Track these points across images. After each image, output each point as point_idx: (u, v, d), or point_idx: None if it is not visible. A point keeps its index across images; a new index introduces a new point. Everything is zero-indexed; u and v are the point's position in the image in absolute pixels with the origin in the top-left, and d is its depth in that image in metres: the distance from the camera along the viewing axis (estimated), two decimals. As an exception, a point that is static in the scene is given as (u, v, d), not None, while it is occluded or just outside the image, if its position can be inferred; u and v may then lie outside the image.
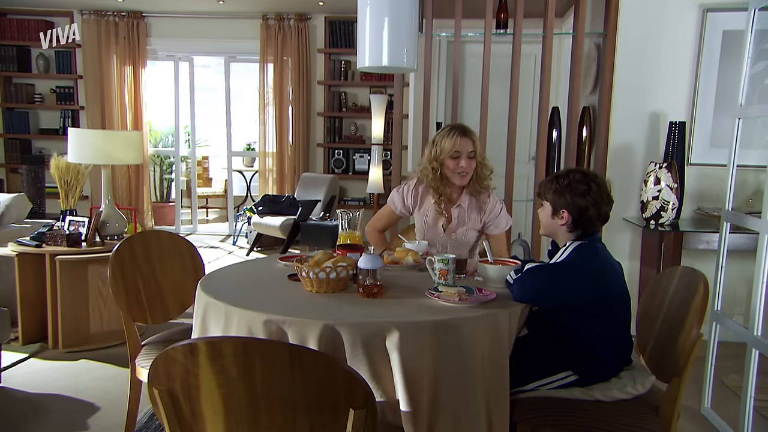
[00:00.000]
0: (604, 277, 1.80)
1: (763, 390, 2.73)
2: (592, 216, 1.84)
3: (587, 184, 1.85)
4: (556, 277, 1.81)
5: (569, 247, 1.87)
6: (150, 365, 1.16)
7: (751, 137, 3.34)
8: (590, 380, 1.80)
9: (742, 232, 3.17)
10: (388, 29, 2.04)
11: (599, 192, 1.85)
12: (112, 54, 6.82)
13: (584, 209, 1.84)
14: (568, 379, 1.79)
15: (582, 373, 1.79)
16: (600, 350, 1.80)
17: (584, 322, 1.79)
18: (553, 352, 1.82)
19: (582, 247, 1.84)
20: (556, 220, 1.90)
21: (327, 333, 1.54)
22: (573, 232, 1.89)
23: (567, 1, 4.07)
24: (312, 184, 6.37)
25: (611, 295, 1.80)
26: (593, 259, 1.82)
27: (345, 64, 6.82)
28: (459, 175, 2.46)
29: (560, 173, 1.93)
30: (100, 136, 3.71)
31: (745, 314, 3.54)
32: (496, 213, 2.56)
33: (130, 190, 7.06)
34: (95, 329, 3.45)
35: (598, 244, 1.87)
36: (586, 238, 1.87)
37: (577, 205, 1.84)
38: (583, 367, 1.80)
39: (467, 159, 2.43)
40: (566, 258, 1.85)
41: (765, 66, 3.47)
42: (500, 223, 2.58)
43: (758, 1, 2.54)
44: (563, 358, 1.81)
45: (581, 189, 1.84)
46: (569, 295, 1.77)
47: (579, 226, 1.87)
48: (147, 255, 2.34)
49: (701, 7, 3.57)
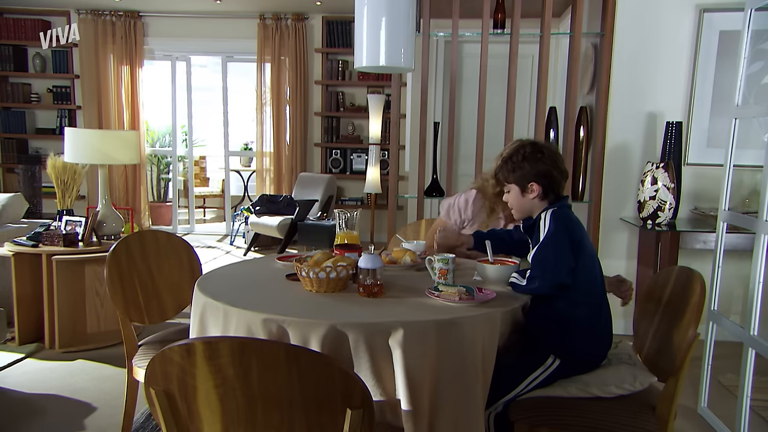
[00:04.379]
0: (582, 239, 1.84)
1: (760, 389, 2.74)
2: (556, 176, 1.90)
3: (540, 150, 1.92)
4: (554, 250, 1.81)
5: (544, 217, 1.88)
6: (147, 365, 1.16)
7: (748, 137, 3.36)
8: (573, 365, 1.80)
9: (739, 232, 3.17)
10: (386, 29, 2.03)
11: (551, 152, 1.92)
12: (109, 53, 6.81)
13: (548, 173, 1.90)
14: (552, 366, 1.78)
15: (564, 356, 1.79)
16: (580, 323, 1.80)
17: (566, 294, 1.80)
18: (535, 337, 1.82)
19: (556, 213, 1.86)
20: (527, 195, 1.93)
21: (331, 333, 1.54)
22: (545, 200, 1.93)
23: (564, 1, 4.08)
24: (309, 184, 6.37)
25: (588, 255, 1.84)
26: (569, 220, 1.85)
27: (342, 64, 6.82)
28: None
29: (507, 154, 1.98)
30: (97, 136, 3.70)
31: (742, 314, 3.55)
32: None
33: (127, 189, 7.05)
34: (92, 329, 3.44)
35: (569, 211, 1.90)
36: (557, 204, 1.90)
37: (541, 173, 1.90)
38: (564, 348, 1.79)
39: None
40: (549, 228, 1.85)
41: (761, 66, 3.48)
42: None
43: (754, 2, 2.55)
44: (543, 340, 1.81)
45: (537, 156, 1.91)
46: (572, 262, 1.80)
47: (549, 191, 1.91)
48: (144, 255, 2.33)
49: (698, 7, 3.58)
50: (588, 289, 1.84)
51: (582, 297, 1.82)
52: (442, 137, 4.32)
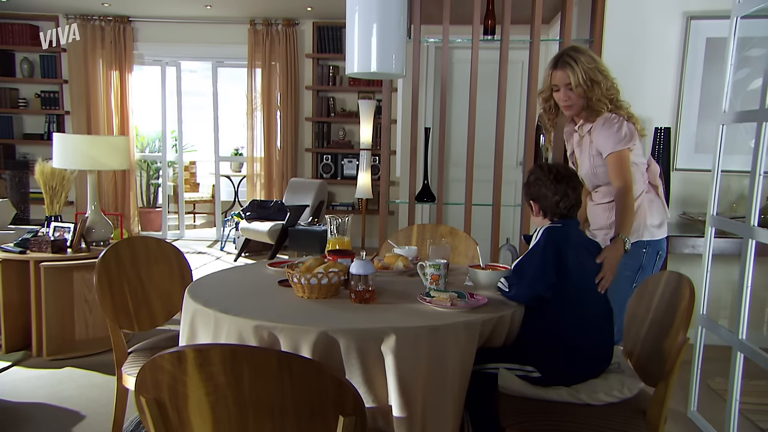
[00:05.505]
0: (577, 259, 1.86)
1: (748, 393, 2.76)
2: (551, 199, 1.94)
3: (539, 172, 1.99)
4: (535, 262, 1.85)
5: (539, 231, 1.94)
6: (137, 373, 1.15)
7: (734, 143, 3.39)
8: (553, 379, 1.81)
9: (727, 237, 3.20)
10: (377, 35, 2.04)
11: (543, 175, 1.96)
12: (98, 58, 6.77)
13: (543, 195, 1.95)
14: (531, 374, 1.81)
15: (543, 370, 1.80)
16: (565, 341, 1.82)
17: (550, 308, 1.83)
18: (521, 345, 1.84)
19: (550, 229, 1.90)
20: (533, 215, 2.02)
21: (322, 339, 1.54)
22: (546, 218, 1.98)
23: (554, 7, 4.11)
24: (300, 189, 6.36)
25: (582, 276, 1.87)
26: (562, 239, 1.87)
27: (333, 70, 6.82)
28: (564, 107, 2.37)
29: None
30: (86, 142, 3.68)
31: (731, 318, 3.58)
32: (599, 133, 2.31)
33: (116, 195, 7.00)
34: (80, 336, 3.41)
35: (568, 228, 1.93)
36: (559, 222, 1.94)
37: (537, 195, 1.97)
38: (545, 363, 1.81)
39: (566, 90, 2.31)
40: (539, 241, 1.90)
41: (747, 73, 3.52)
42: (600, 140, 2.31)
43: (740, 10, 2.58)
44: (529, 350, 1.82)
45: (533, 179, 1.99)
46: (553, 278, 1.82)
47: (547, 211, 1.96)
48: (133, 261, 2.32)
49: (685, 14, 3.62)
50: (577, 309, 1.85)
51: (569, 316, 1.83)
52: (433, 142, 4.33)
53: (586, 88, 2.28)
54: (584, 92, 2.29)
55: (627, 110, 2.36)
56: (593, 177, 2.43)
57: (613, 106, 2.33)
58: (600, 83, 2.28)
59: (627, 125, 2.29)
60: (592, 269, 1.94)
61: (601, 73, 2.29)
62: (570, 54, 2.31)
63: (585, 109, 2.36)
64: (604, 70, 2.32)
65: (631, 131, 2.29)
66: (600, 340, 1.88)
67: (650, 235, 2.36)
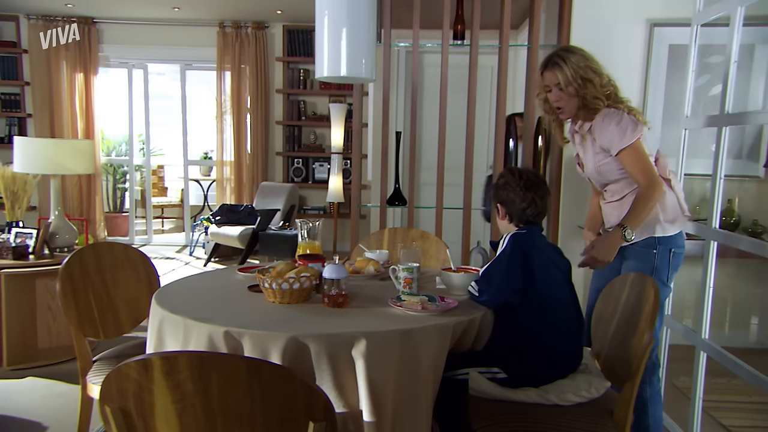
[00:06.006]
0: (544, 266, 1.88)
1: (711, 391, 2.83)
2: (516, 202, 1.96)
3: (509, 177, 2.01)
4: (502, 269, 1.87)
5: (505, 237, 1.96)
6: (102, 382, 1.13)
7: (696, 147, 3.48)
8: (519, 381, 1.83)
9: (690, 239, 3.27)
10: (347, 39, 2.04)
11: (514, 180, 1.98)
12: (61, 60, 6.62)
13: (509, 201, 1.98)
14: (497, 375, 1.83)
15: (509, 372, 1.83)
16: (532, 343, 1.84)
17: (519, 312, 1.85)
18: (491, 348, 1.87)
19: (516, 236, 1.92)
20: (498, 218, 2.04)
21: (292, 345, 1.53)
22: (512, 223, 2.00)
23: (522, 13, 4.16)
24: (271, 193, 6.31)
25: (549, 282, 1.88)
26: (528, 245, 1.89)
27: (304, 73, 6.80)
28: (557, 108, 2.33)
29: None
30: (49, 145, 3.59)
31: (694, 318, 3.67)
32: (601, 131, 2.26)
33: (81, 200, 6.85)
34: (43, 345, 3.32)
35: (533, 234, 1.95)
36: (525, 228, 1.96)
37: (505, 199, 1.99)
38: (510, 365, 1.83)
39: (557, 91, 2.28)
40: (505, 248, 1.91)
41: (707, 79, 3.62)
42: (604, 138, 2.25)
43: (700, 18, 2.66)
44: (495, 353, 1.85)
45: (502, 182, 2.01)
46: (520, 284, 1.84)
47: (513, 215, 1.98)
48: (99, 268, 2.27)
49: (648, 21, 3.70)
50: (547, 312, 1.87)
51: (539, 319, 1.85)
52: (404, 146, 4.34)
53: (578, 86, 2.24)
54: (576, 91, 2.25)
55: (627, 104, 2.30)
56: (598, 176, 2.37)
57: (611, 102, 2.28)
58: (592, 80, 2.24)
59: (628, 117, 2.24)
60: (560, 273, 1.95)
61: (594, 71, 2.25)
62: (559, 54, 2.28)
63: (582, 109, 2.32)
64: (597, 68, 2.28)
65: (634, 122, 2.23)
66: (569, 343, 1.91)
67: (662, 231, 2.26)
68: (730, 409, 2.92)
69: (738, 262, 3.79)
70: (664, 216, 2.27)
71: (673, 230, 2.27)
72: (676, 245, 2.29)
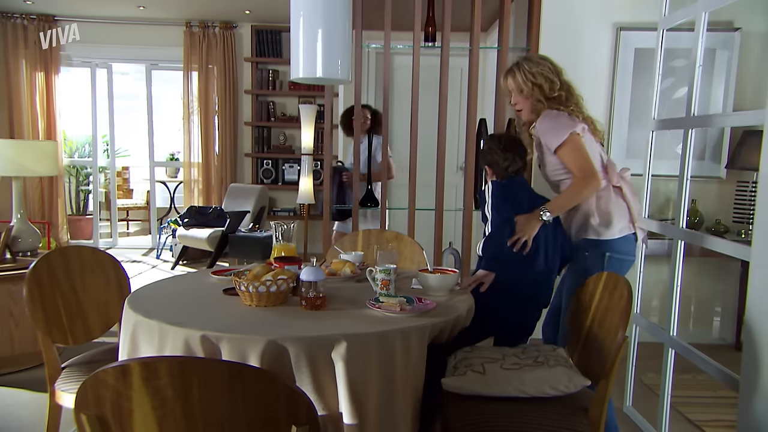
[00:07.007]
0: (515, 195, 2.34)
1: (679, 387, 2.90)
2: (499, 162, 2.36)
3: (491, 142, 2.44)
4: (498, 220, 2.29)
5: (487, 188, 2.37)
6: (78, 389, 1.10)
7: (662, 148, 3.57)
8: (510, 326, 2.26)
9: (656, 239, 3.36)
10: (322, 41, 2.03)
11: (495, 144, 2.40)
12: (20, 59, 6.42)
13: (494, 162, 2.38)
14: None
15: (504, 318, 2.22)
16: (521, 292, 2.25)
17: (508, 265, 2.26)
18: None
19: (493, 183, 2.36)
20: (489, 177, 2.43)
21: (271, 348, 1.51)
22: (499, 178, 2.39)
23: (492, 16, 4.21)
24: (240, 195, 6.23)
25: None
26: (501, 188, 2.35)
27: (273, 74, 6.74)
28: (516, 111, 2.51)
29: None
30: (10, 146, 3.48)
31: (661, 316, 3.76)
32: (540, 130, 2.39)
33: (43, 202, 6.65)
34: (5, 353, 3.21)
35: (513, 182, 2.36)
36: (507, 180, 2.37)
37: (490, 161, 2.40)
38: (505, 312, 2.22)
39: (514, 96, 2.46)
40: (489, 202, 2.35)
41: (672, 82, 3.72)
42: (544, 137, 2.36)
43: (666, 22, 2.73)
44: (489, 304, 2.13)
45: (486, 148, 2.44)
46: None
47: (498, 171, 2.38)
48: (67, 272, 2.20)
49: (615, 25, 3.79)
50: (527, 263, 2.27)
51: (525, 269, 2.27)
52: (375, 148, 4.33)
53: (527, 90, 2.39)
54: (530, 95, 2.40)
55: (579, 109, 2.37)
56: (548, 175, 2.49)
57: (556, 104, 2.36)
58: (541, 86, 2.37)
59: (566, 116, 2.32)
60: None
61: (545, 77, 2.36)
62: (516, 62, 2.46)
63: (533, 111, 2.46)
64: (549, 74, 2.38)
65: (571, 119, 2.30)
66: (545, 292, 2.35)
67: (596, 234, 2.31)
68: (697, 404, 3.00)
69: (700, 261, 3.91)
70: (596, 220, 2.31)
71: (609, 235, 2.30)
72: (613, 250, 2.31)
